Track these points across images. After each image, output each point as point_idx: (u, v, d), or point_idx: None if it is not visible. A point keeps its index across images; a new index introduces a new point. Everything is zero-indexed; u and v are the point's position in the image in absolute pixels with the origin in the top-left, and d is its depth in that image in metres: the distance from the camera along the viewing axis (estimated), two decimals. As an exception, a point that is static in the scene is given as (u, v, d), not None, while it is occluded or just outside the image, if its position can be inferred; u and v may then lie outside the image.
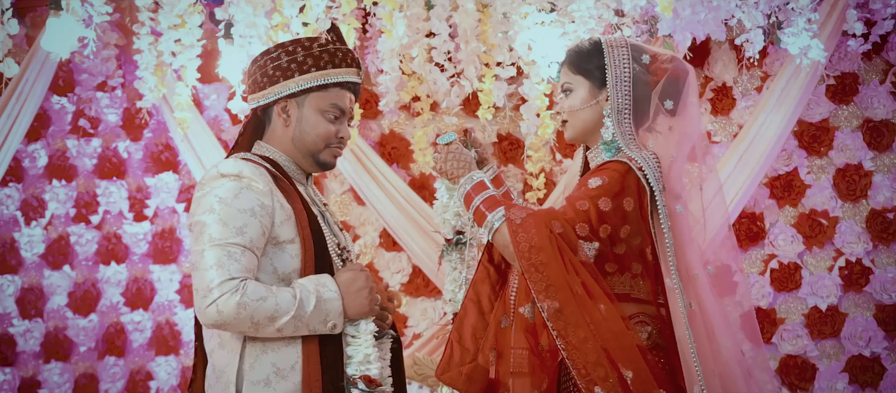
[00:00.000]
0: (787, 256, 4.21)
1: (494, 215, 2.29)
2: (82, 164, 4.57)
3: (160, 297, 4.54)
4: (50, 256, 4.54)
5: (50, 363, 4.51)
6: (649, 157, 2.31)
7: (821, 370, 4.17)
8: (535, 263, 2.19)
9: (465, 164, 2.40)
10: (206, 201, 2.21)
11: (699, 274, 2.31)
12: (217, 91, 4.51)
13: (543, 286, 2.18)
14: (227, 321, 2.12)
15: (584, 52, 2.41)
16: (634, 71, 2.36)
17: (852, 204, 4.21)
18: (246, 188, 2.21)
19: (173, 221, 4.56)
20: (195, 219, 2.22)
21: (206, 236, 2.16)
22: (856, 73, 4.22)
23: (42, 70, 4.24)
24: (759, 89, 4.25)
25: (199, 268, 2.15)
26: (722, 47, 4.24)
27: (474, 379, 2.27)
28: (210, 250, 2.15)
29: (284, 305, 2.15)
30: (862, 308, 4.18)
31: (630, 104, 2.35)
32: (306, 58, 2.32)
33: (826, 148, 4.23)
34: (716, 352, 2.29)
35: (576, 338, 2.16)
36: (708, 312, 2.31)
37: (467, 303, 2.33)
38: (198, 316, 2.18)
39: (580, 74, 2.40)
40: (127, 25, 4.22)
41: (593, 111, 2.37)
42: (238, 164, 2.25)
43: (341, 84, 2.34)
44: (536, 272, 2.19)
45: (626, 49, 2.38)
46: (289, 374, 2.19)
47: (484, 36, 3.93)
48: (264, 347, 2.20)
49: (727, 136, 4.26)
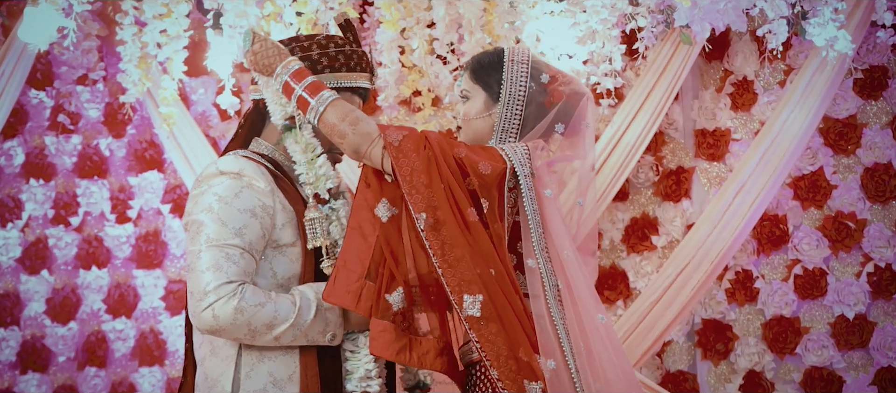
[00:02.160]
0: (811, 262, 4.11)
1: (319, 99, 2.31)
2: (61, 162, 4.53)
3: (144, 303, 4.48)
4: (27, 260, 4.51)
5: (26, 374, 4.47)
6: (518, 146, 2.40)
7: (848, 383, 4.06)
8: (414, 183, 2.25)
9: (277, 52, 2.35)
10: (205, 200, 2.19)
11: (568, 255, 2.37)
12: (205, 85, 4.45)
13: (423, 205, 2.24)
14: (223, 327, 2.12)
15: (485, 63, 2.49)
16: (530, 89, 2.45)
17: (881, 206, 4.11)
18: (246, 187, 2.21)
19: (158, 223, 4.51)
20: (192, 218, 2.19)
21: (203, 236, 2.15)
22: (885, 67, 4.11)
23: (19, 62, 4.20)
24: (782, 83, 4.15)
25: (195, 270, 2.13)
26: (743, 39, 4.15)
27: (365, 296, 2.27)
28: (207, 252, 2.13)
29: (283, 313, 2.16)
30: (892, 317, 4.07)
31: (519, 123, 2.44)
32: (321, 57, 2.34)
33: (853, 146, 4.12)
34: (589, 326, 2.35)
35: (452, 256, 2.23)
36: (579, 289, 2.37)
37: (349, 231, 2.31)
38: (192, 320, 2.18)
39: (478, 84, 2.48)
40: (109, 15, 4.16)
41: (485, 123, 2.46)
42: (238, 162, 2.24)
43: (352, 89, 2.37)
44: (414, 190, 2.25)
45: (526, 65, 2.46)
46: (286, 385, 2.20)
47: (489, 26, 3.84)
48: (261, 355, 2.19)
49: (748, 134, 4.17)
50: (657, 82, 3.96)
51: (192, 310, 2.14)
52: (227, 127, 4.42)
